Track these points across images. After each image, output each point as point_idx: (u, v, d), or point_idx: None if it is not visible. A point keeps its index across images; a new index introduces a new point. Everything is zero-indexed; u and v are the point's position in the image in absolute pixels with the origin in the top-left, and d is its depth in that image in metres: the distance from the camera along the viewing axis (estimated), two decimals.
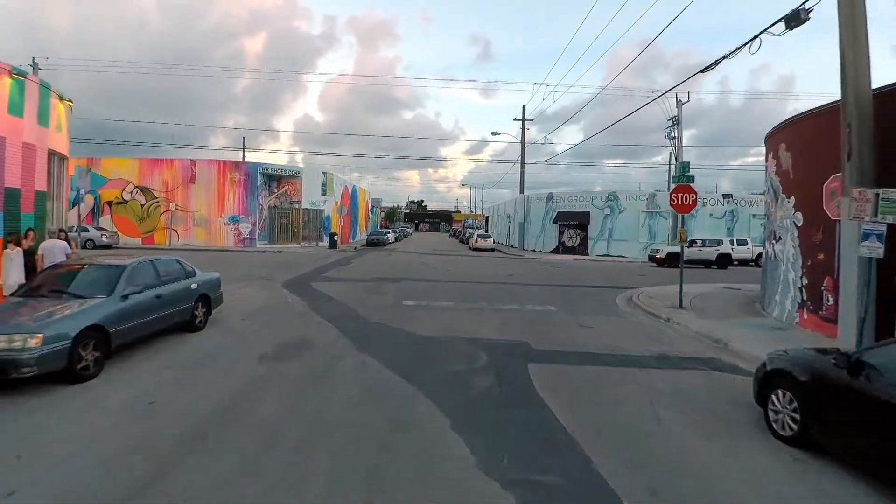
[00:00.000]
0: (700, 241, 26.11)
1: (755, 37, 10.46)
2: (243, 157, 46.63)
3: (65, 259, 9.58)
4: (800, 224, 10.20)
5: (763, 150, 12.92)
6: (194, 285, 8.34)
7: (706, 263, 25.50)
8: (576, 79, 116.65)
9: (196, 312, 8.36)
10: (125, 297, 6.75)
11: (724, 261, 25.49)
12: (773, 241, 11.56)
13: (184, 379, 6.02)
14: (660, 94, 23.62)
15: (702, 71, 12.29)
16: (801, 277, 10.07)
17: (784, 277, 10.81)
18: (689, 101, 29.98)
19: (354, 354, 7.09)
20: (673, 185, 12.07)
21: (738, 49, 10.96)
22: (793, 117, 10.83)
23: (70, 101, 12.16)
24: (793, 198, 10.55)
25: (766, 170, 12.48)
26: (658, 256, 25.80)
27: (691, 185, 11.95)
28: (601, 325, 9.93)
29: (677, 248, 25.65)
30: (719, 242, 26.19)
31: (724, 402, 5.82)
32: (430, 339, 8.11)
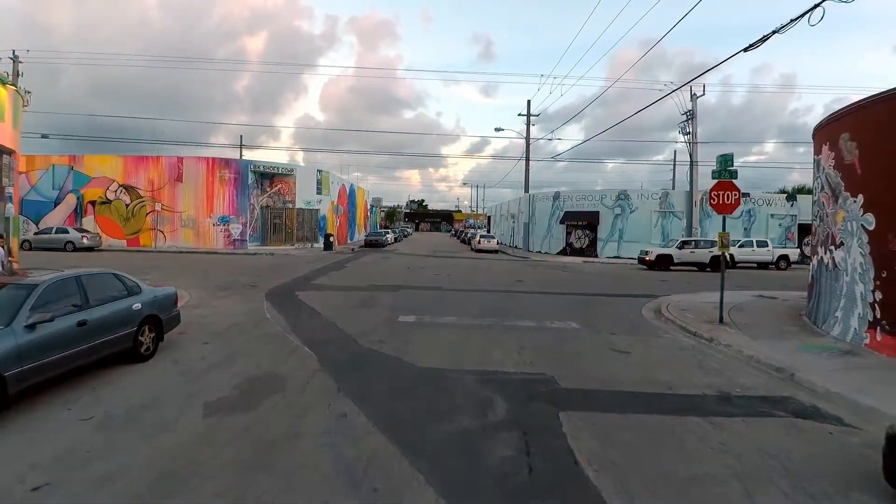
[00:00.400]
0: (693, 243, 24.39)
1: (817, 5, 8.84)
2: (241, 154, 45.08)
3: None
4: (871, 227, 8.55)
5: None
6: (137, 305, 6.71)
7: (699, 266, 23.88)
8: (578, 77, 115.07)
9: (141, 339, 6.74)
10: (31, 326, 5.13)
11: (718, 263, 23.78)
12: (832, 247, 9.91)
13: (97, 444, 4.40)
14: (677, 86, 22.00)
15: (745, 49, 10.65)
16: (873, 291, 8.43)
17: (848, 290, 9.18)
18: (704, 94, 28.39)
19: (333, 400, 5.45)
20: (713, 181, 10.42)
21: (794, 20, 9.33)
22: (861, 101, 9.17)
23: (14, 85, 10.52)
24: (860, 196, 8.89)
25: (818, 164, 10.83)
26: (647, 258, 23.95)
27: (734, 181, 10.30)
28: (636, 349, 8.30)
29: (667, 250, 24.05)
30: (712, 244, 24.46)
31: (830, 472, 4.24)
32: (430, 375, 6.47)
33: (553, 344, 8.38)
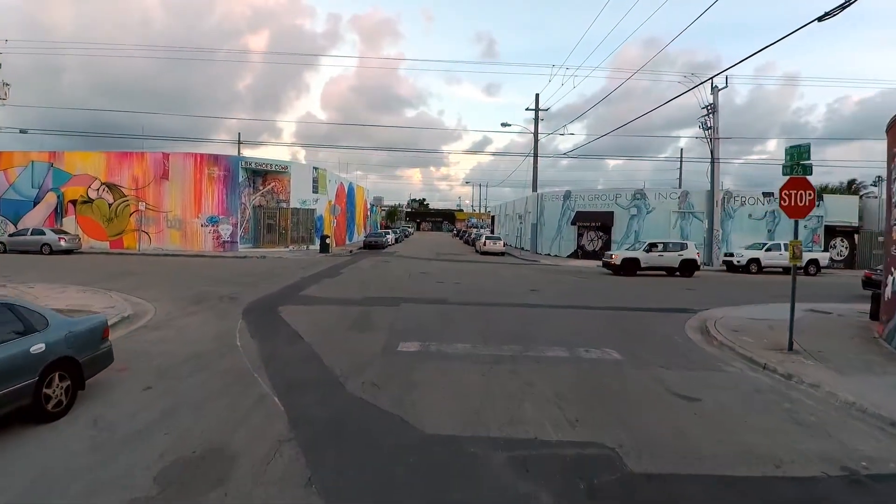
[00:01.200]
0: (661, 245, 22.36)
1: None
2: (239, 152, 43.37)
3: None
4: None
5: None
6: (39, 347, 4.88)
7: (668, 270, 21.96)
8: (592, 68, 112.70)
9: (47, 392, 4.92)
10: None
11: (689, 267, 21.83)
12: None
13: None
14: (704, 79, 20.15)
15: (819, 19, 8.79)
16: None
17: None
18: (727, 86, 26.51)
19: (300, 501, 3.63)
20: (784, 179, 8.58)
21: None
22: None
23: None
24: None
25: None
26: (612, 262, 21.86)
27: (808, 178, 8.47)
28: (702, 392, 6.47)
29: (634, 253, 21.81)
30: (683, 246, 22.36)
31: None
32: (443, 448, 4.63)
33: (597, 386, 6.54)
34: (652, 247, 22.09)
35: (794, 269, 8.62)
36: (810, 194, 8.33)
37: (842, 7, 8.46)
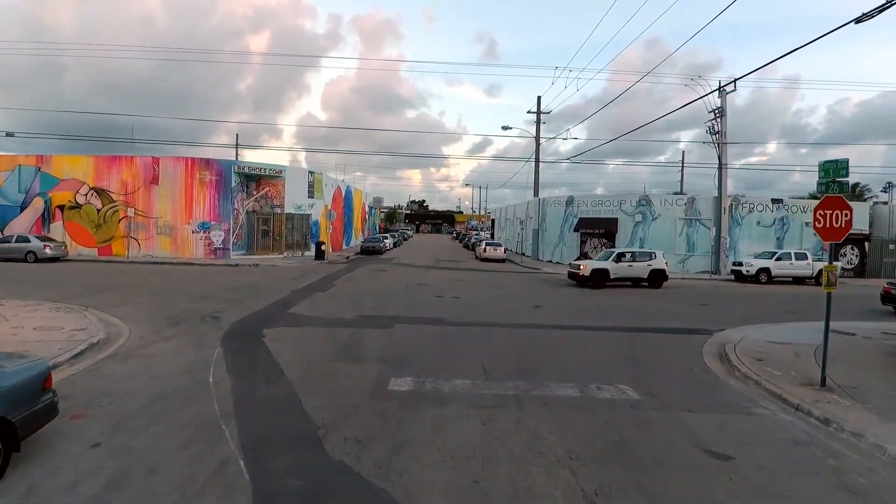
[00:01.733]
0: (630, 255, 21.30)
1: None
2: (236, 154, 42.61)
3: None
4: None
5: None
6: None
7: (635, 281, 21.01)
8: (597, 70, 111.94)
9: None
10: None
11: (658, 278, 20.92)
12: None
13: None
14: (717, 88, 19.38)
15: (857, 21, 7.99)
16: None
17: None
18: (735, 89, 25.69)
19: None
20: (819, 196, 7.77)
21: None
22: None
23: None
24: None
25: None
26: (580, 274, 20.65)
27: (844, 195, 7.66)
28: (735, 446, 5.66)
29: (603, 264, 20.63)
30: (651, 256, 21.35)
31: None
32: None
33: (615, 438, 5.72)
34: (620, 257, 21.12)
35: (828, 297, 7.76)
36: (847, 214, 7.51)
37: (881, 8, 7.66)
